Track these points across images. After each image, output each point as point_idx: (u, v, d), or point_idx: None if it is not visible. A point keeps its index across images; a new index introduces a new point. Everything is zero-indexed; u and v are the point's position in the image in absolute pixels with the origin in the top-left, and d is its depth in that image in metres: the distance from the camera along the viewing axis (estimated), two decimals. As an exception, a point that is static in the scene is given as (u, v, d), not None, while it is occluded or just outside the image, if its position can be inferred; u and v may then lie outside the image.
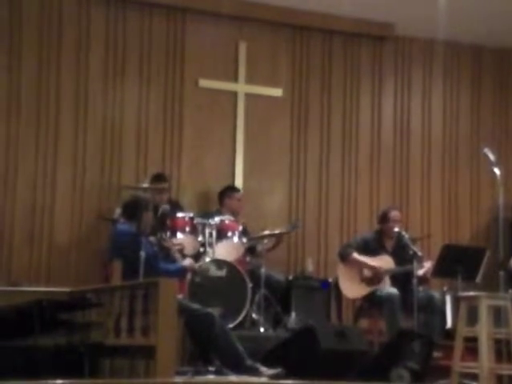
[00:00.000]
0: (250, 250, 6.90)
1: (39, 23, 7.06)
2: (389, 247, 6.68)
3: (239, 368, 5.16)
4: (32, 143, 6.98)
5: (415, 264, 6.27)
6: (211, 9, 7.42)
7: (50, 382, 3.60)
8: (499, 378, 5.43)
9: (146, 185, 6.20)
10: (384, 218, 6.71)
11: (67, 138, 7.08)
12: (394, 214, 6.69)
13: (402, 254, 6.57)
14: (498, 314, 5.50)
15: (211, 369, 5.14)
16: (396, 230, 6.58)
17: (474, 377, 5.35)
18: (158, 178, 6.81)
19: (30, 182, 6.95)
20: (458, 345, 5.49)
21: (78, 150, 7.11)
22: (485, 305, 5.40)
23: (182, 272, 5.83)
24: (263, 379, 5.01)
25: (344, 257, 6.61)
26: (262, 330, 6.31)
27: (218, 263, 6.27)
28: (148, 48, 7.39)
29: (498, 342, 5.45)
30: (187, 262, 5.92)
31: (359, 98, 8.03)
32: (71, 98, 7.12)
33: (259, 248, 6.87)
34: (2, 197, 6.84)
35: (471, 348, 5.52)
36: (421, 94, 8.22)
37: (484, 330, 5.35)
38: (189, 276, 6.01)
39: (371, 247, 6.64)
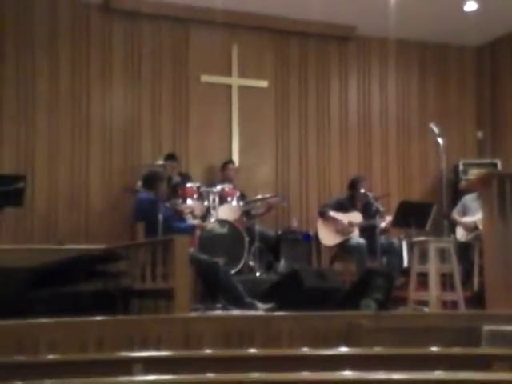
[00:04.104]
0: (247, 214, 6.91)
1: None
2: (359, 206, 6.66)
3: (240, 304, 5.19)
4: (68, 133, 6.98)
5: (378, 218, 6.31)
6: (209, 18, 7.35)
7: (91, 318, 3.63)
8: (444, 303, 5.51)
9: (160, 162, 6.24)
10: (353, 187, 6.64)
11: (97, 128, 7.08)
12: (363, 184, 6.55)
13: (368, 210, 6.59)
14: (443, 254, 5.56)
15: (218, 306, 5.15)
16: (362, 191, 6.59)
17: (425, 303, 5.41)
18: (170, 156, 6.83)
19: (69, 164, 6.96)
20: (413, 279, 5.55)
21: (105, 137, 7.11)
22: (433, 247, 5.45)
23: (192, 229, 5.83)
24: (259, 312, 5.04)
25: (322, 214, 6.63)
26: (257, 274, 6.33)
27: (221, 222, 6.24)
28: (159, 52, 7.35)
29: (443, 275, 5.51)
30: (196, 221, 5.95)
31: (330, 88, 7.99)
32: (99, 96, 7.10)
33: (252, 212, 6.88)
34: (47, 177, 6.85)
35: (423, 281, 5.57)
36: (379, 83, 8.19)
37: (433, 267, 5.40)
38: (198, 233, 6.04)
39: (345, 206, 6.62)
